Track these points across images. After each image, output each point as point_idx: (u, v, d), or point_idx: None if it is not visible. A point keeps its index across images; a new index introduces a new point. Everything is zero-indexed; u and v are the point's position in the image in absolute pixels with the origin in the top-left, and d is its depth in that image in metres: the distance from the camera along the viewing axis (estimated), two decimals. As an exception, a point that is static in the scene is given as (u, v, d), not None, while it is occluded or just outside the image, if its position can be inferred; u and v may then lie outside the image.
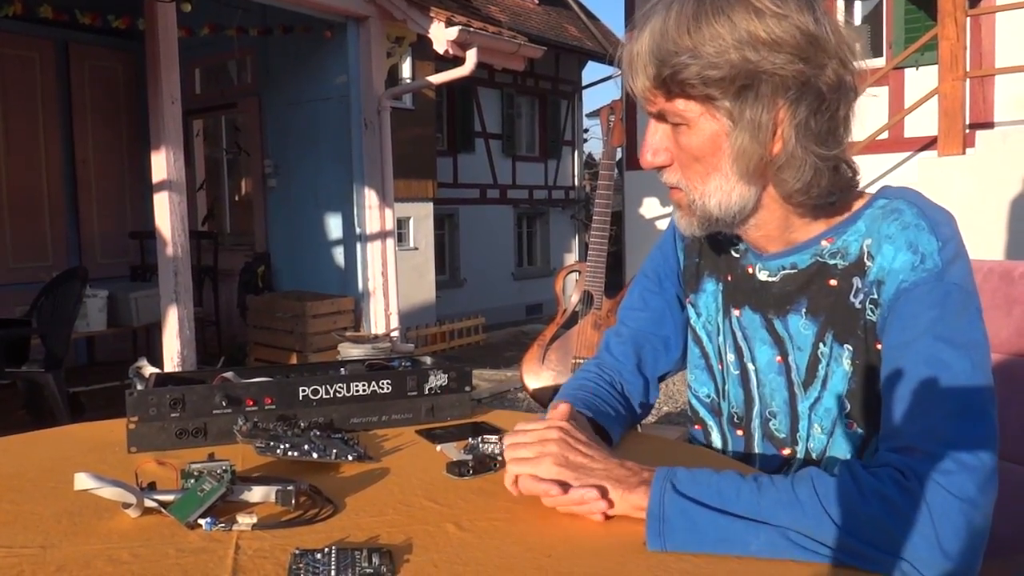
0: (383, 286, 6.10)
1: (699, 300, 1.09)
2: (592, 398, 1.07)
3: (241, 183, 8.36)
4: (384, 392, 1.20)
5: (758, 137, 0.85)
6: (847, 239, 0.92)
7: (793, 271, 0.96)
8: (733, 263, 1.04)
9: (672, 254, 1.15)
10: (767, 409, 1.00)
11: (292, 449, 0.99)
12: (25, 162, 6.14)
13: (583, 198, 17.13)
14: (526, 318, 14.53)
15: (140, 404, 1.07)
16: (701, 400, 1.10)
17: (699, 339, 1.10)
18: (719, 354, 1.06)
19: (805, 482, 0.76)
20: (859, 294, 0.89)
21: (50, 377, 4.12)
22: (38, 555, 0.74)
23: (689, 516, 0.75)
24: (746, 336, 1.01)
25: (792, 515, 0.73)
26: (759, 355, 1.00)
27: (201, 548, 0.76)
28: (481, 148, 14.65)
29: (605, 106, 3.53)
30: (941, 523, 0.71)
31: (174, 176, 4.48)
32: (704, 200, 0.90)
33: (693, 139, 0.87)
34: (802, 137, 0.84)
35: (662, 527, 0.75)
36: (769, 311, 0.98)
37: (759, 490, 0.76)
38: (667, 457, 1.05)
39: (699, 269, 1.10)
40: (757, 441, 1.02)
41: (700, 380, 1.10)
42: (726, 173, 0.88)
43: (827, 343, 0.92)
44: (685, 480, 0.79)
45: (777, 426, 0.99)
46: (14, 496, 0.90)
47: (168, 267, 4.52)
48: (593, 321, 3.26)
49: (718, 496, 0.76)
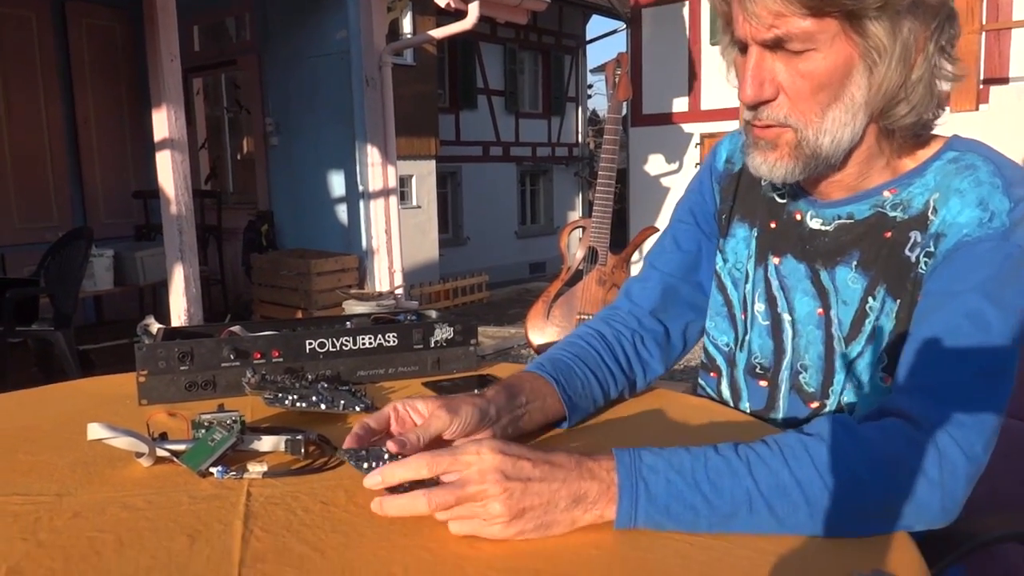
0: (387, 244, 6.10)
1: (727, 245, 1.06)
2: (569, 364, 0.99)
3: (243, 142, 8.31)
4: (390, 345, 1.21)
5: (905, 61, 0.80)
6: (912, 191, 0.88)
7: (849, 221, 0.91)
8: (777, 209, 1.00)
9: (709, 194, 1.10)
10: (799, 362, 0.96)
11: (300, 400, 1.00)
12: (26, 123, 6.10)
13: (587, 155, 17.01)
14: (529, 276, 14.55)
15: (150, 358, 1.08)
16: (719, 348, 1.07)
17: (723, 286, 1.07)
18: (744, 303, 1.03)
19: (801, 460, 0.70)
20: (916, 248, 0.85)
21: (60, 335, 4.15)
22: (54, 502, 0.76)
23: (668, 525, 0.69)
24: (783, 286, 0.98)
25: (789, 502, 0.68)
26: (798, 306, 0.96)
27: (213, 495, 0.77)
28: (484, 105, 14.52)
29: (611, 60, 3.48)
30: (948, 479, 0.70)
31: (175, 135, 4.45)
32: (818, 136, 0.84)
33: (821, 65, 0.80)
34: (934, 64, 0.82)
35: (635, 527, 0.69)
36: (816, 261, 0.94)
37: (750, 472, 0.70)
38: (674, 414, 1.05)
39: (731, 213, 1.06)
40: (783, 393, 0.98)
41: (720, 328, 1.07)
42: (848, 104, 0.82)
43: (877, 297, 0.88)
44: (657, 486, 0.69)
45: (807, 379, 0.95)
46: (30, 447, 0.92)
47: (172, 226, 4.52)
48: (598, 277, 3.26)
49: (703, 501, 0.69)
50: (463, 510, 0.67)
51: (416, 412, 0.83)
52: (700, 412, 1.02)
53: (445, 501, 0.67)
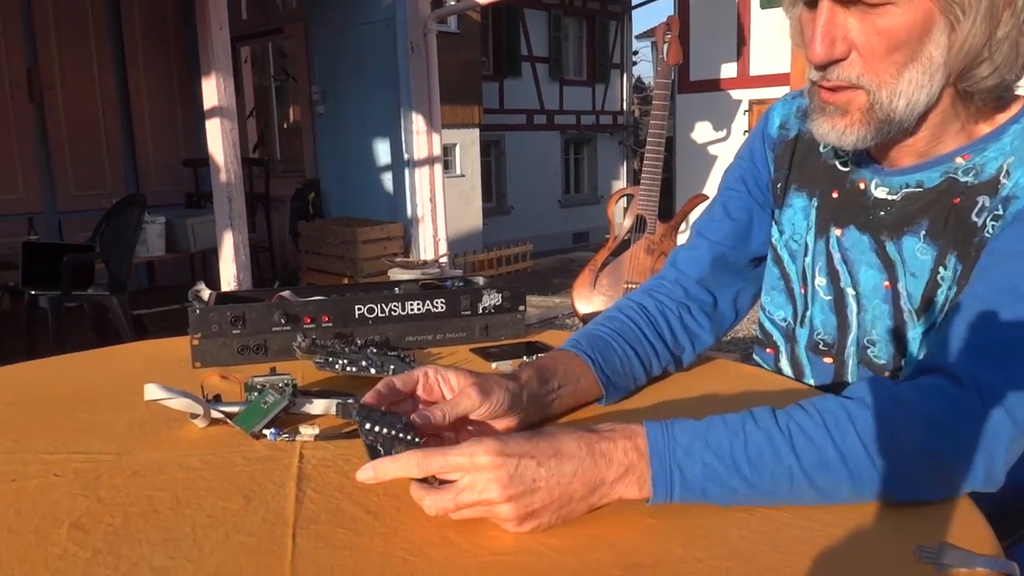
0: (431, 212, 6.11)
1: (783, 216, 1.02)
2: (607, 341, 0.95)
3: (289, 110, 8.37)
4: (438, 311, 1.20)
5: (991, 17, 0.75)
6: (987, 156, 0.82)
7: (918, 189, 0.86)
8: (839, 178, 0.95)
9: (762, 162, 1.05)
10: (865, 337, 0.92)
11: (350, 365, 1.00)
12: (81, 93, 6.23)
13: (631, 123, 16.81)
14: (572, 245, 14.49)
15: (203, 321, 1.10)
16: (776, 323, 1.04)
17: (779, 259, 1.03)
18: (803, 277, 0.99)
19: (845, 431, 0.67)
20: (984, 212, 0.81)
21: (115, 300, 4.25)
22: (114, 461, 0.77)
23: (702, 502, 0.66)
24: (847, 259, 0.93)
25: (832, 477, 0.66)
26: (863, 279, 0.92)
27: (267, 457, 0.78)
28: (527, 72, 14.40)
29: (661, 23, 3.41)
30: (991, 441, 0.66)
31: (225, 103, 4.49)
32: (892, 99, 0.78)
33: (899, 21, 0.75)
34: (1022, 20, 0.76)
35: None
36: (882, 232, 0.89)
37: (793, 448, 0.66)
38: (731, 384, 1.03)
39: (787, 182, 1.01)
40: (851, 369, 0.94)
41: (776, 302, 1.03)
42: (926, 64, 0.77)
43: (948, 267, 0.84)
44: (694, 470, 0.66)
45: (876, 353, 0.91)
46: (89, 407, 0.94)
47: (222, 193, 4.59)
48: (646, 246, 3.22)
49: (741, 481, 0.66)
50: (470, 512, 0.63)
51: (446, 383, 0.78)
52: (753, 381, 1.00)
53: (444, 508, 0.63)
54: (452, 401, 0.75)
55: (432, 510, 0.63)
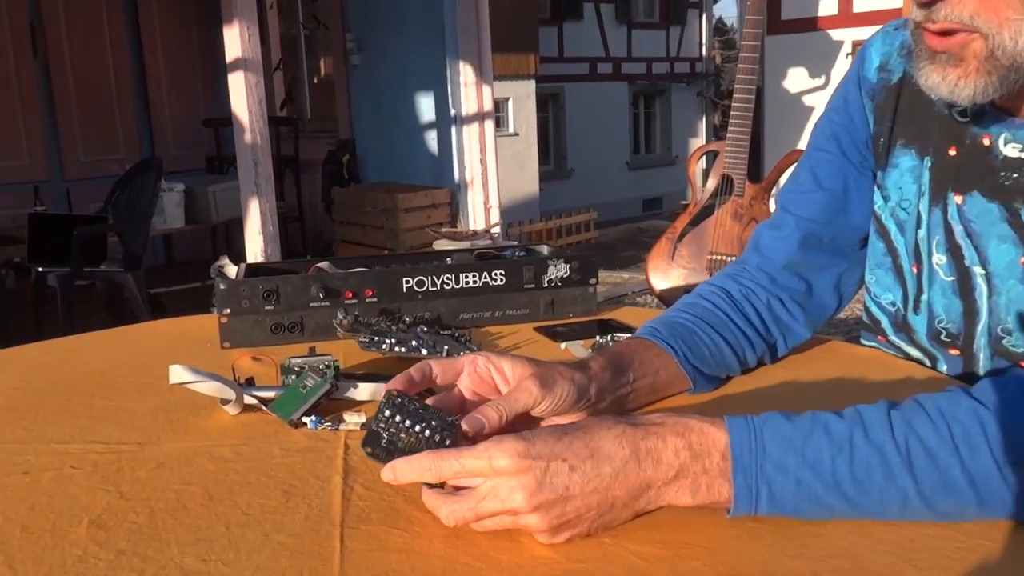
0: (482, 176, 6.11)
1: (887, 179, 0.97)
2: (690, 328, 0.93)
3: (320, 62, 8.45)
4: (497, 284, 1.19)
5: None
6: None
7: None
8: (957, 132, 0.89)
9: (859, 114, 1.00)
10: (999, 325, 0.88)
11: (399, 345, 1.00)
12: (90, 47, 6.37)
13: (712, 72, 16.54)
14: (643, 214, 14.38)
15: (232, 296, 1.10)
16: (884, 308, 1.00)
17: (884, 231, 0.98)
18: (915, 252, 0.95)
19: (977, 448, 0.62)
20: None
21: (130, 277, 4.37)
22: (136, 452, 0.78)
23: (794, 516, 0.64)
24: (971, 231, 0.88)
25: (956, 500, 0.62)
26: (993, 255, 0.87)
27: (307, 448, 0.78)
28: (590, 14, 14.26)
29: (748, -50, 3.33)
30: None
31: (249, 54, 4.54)
32: (1017, 41, 0.73)
33: None
34: None
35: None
36: (1015, 198, 0.84)
37: (910, 469, 0.62)
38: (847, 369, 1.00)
39: (891, 138, 0.96)
40: (983, 361, 0.91)
41: (883, 283, 0.99)
42: None
43: None
44: (785, 488, 0.63)
45: (1014, 343, 0.87)
46: (107, 392, 0.95)
47: (247, 156, 4.65)
48: (733, 210, 3.17)
49: (842, 501, 0.63)
50: (493, 523, 0.61)
51: (500, 374, 0.75)
52: (873, 368, 0.97)
53: (463, 518, 0.61)
54: (509, 396, 0.72)
55: (450, 521, 0.62)
